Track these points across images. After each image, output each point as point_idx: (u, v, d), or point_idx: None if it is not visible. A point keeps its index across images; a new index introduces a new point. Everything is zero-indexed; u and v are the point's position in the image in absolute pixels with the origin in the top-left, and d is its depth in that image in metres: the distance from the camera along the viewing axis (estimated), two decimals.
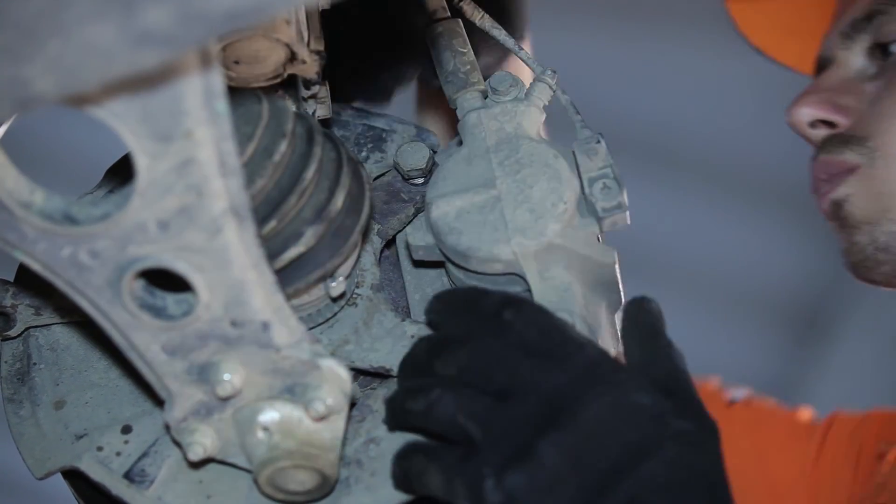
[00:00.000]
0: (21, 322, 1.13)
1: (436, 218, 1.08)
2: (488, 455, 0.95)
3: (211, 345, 0.96)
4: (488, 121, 1.12)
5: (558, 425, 0.94)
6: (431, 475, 0.97)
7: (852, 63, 1.50)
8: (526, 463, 0.93)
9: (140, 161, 0.85)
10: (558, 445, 0.94)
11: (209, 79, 0.83)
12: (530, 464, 0.93)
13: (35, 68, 0.77)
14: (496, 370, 0.97)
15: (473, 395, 0.97)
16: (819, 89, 1.50)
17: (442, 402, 0.97)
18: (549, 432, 0.94)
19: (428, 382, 0.99)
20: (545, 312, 1.00)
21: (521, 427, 0.95)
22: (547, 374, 0.96)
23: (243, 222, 0.90)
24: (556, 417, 0.95)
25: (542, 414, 0.95)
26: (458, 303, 1.03)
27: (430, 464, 0.98)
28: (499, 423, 0.96)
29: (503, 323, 0.99)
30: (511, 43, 1.18)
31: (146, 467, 1.05)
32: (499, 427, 0.95)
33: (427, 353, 1.01)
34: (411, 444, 1.00)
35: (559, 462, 0.93)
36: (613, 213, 1.07)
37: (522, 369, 0.97)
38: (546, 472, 0.93)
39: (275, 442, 1.00)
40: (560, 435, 0.94)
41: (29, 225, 0.89)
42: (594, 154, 1.09)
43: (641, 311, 1.05)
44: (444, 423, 0.97)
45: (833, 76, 1.51)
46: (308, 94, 1.11)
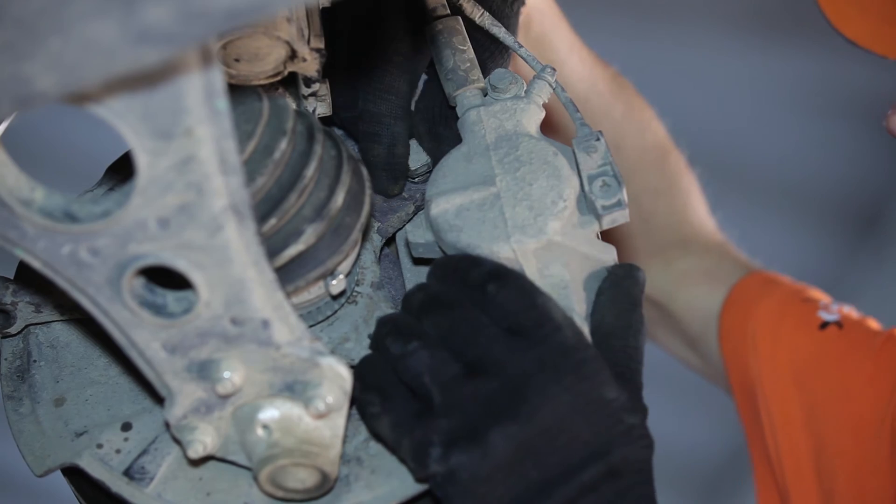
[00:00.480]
0: (21, 319, 1.13)
1: (435, 215, 1.08)
2: (441, 424, 0.97)
3: (211, 342, 0.96)
4: (488, 118, 1.12)
5: (516, 416, 0.96)
6: (383, 424, 1.00)
7: None
8: (475, 445, 0.96)
9: (140, 159, 0.85)
10: (511, 437, 0.96)
11: (210, 76, 0.83)
12: (479, 448, 0.96)
13: (36, 66, 0.77)
14: (471, 342, 0.99)
15: (445, 360, 0.99)
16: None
17: (415, 356, 1.00)
18: (504, 421, 0.96)
19: (413, 331, 1.01)
20: (528, 289, 1.01)
21: (480, 407, 0.97)
22: (519, 355, 0.98)
23: (243, 220, 0.90)
24: (517, 406, 0.96)
25: (504, 398, 0.97)
26: (451, 268, 1.04)
27: (385, 414, 1.00)
28: (460, 395, 0.98)
29: (486, 295, 1.00)
30: (511, 40, 1.18)
31: (146, 465, 1.05)
32: (459, 400, 0.97)
33: (419, 306, 1.03)
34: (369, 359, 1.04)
35: (508, 453, 0.96)
36: (613, 211, 1.07)
37: (496, 346, 0.99)
38: (491, 461, 0.96)
39: (275, 440, 1.00)
40: (515, 427, 0.96)
41: (29, 222, 0.89)
42: (593, 152, 1.09)
43: (628, 278, 1.07)
44: (411, 377, 1.00)
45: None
46: (308, 91, 1.11)
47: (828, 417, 1.53)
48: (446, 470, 0.96)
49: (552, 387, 0.97)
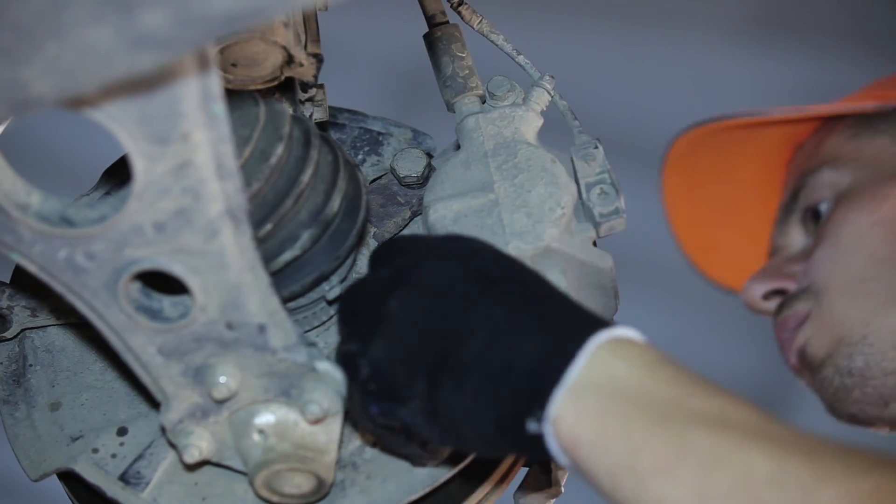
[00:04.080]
0: (17, 324, 1.13)
1: (433, 221, 1.08)
2: (356, 335, 0.96)
3: (207, 347, 0.96)
4: (486, 125, 1.12)
5: (403, 281, 0.95)
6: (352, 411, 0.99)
7: (793, 244, 1.64)
8: (380, 327, 0.94)
9: (137, 163, 0.85)
10: (404, 299, 0.94)
11: (206, 81, 0.83)
12: (383, 326, 0.94)
13: (33, 70, 0.77)
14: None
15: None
16: (765, 268, 1.65)
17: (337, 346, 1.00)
18: (396, 290, 0.95)
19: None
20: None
21: (375, 292, 0.96)
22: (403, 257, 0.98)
23: (240, 225, 0.90)
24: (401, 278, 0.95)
25: (392, 277, 0.96)
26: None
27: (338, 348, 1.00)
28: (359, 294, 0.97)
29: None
30: (509, 48, 1.18)
31: (142, 469, 1.05)
32: (360, 306, 0.97)
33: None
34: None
35: (410, 309, 0.94)
36: (611, 219, 1.08)
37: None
38: (399, 324, 0.94)
39: (270, 445, 1.00)
40: (405, 289, 0.94)
41: (26, 227, 0.89)
42: (591, 159, 1.10)
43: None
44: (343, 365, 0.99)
45: (777, 257, 1.65)
46: (305, 96, 1.11)
47: None
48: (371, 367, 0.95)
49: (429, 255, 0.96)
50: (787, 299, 1.59)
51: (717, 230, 1.86)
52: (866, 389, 1.51)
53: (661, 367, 0.89)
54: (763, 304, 1.63)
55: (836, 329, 1.52)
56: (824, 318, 1.53)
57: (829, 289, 1.53)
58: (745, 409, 0.87)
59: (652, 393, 0.87)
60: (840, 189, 1.58)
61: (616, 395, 0.87)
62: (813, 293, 1.55)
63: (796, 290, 1.58)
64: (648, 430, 0.86)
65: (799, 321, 1.56)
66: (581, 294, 1.07)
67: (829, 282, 1.53)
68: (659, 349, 0.91)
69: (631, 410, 0.87)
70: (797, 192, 1.63)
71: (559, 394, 0.88)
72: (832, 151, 1.63)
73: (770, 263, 1.66)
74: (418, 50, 1.21)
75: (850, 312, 1.51)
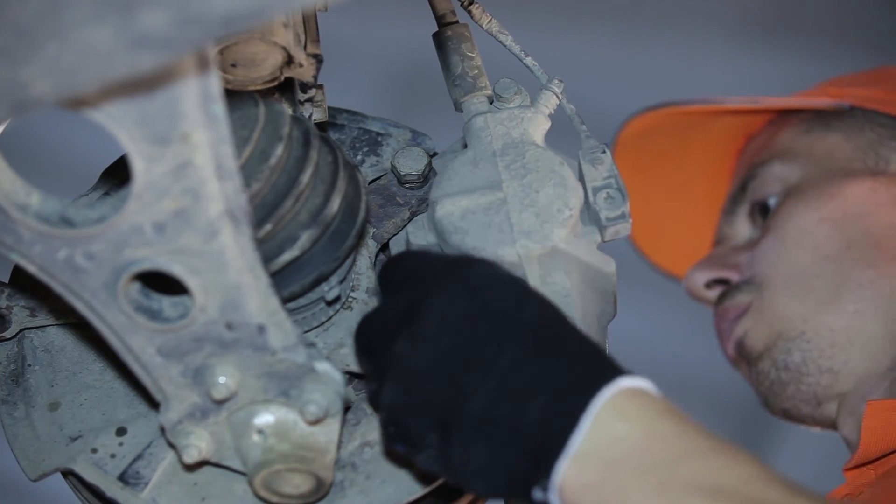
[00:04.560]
0: (16, 323, 1.13)
1: (440, 217, 1.08)
2: (372, 377, 0.97)
3: (206, 348, 0.96)
4: (495, 125, 1.13)
5: (410, 322, 0.95)
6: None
7: (739, 234, 1.65)
8: (390, 370, 0.95)
9: (137, 164, 0.85)
10: (410, 342, 0.94)
11: (206, 82, 0.83)
12: (393, 369, 0.94)
13: (32, 71, 0.77)
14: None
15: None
16: (709, 256, 1.65)
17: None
18: (403, 332, 0.95)
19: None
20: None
21: (382, 333, 0.96)
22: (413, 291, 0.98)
23: (239, 226, 0.90)
24: (409, 318, 0.95)
25: (396, 319, 0.96)
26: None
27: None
28: (369, 329, 0.98)
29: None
30: (517, 49, 1.18)
31: (141, 469, 1.05)
32: (372, 347, 0.97)
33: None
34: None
35: (417, 355, 0.94)
36: (616, 223, 1.08)
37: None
38: (407, 370, 0.94)
39: (269, 445, 1.00)
40: (412, 331, 0.94)
41: (25, 227, 0.89)
42: (599, 164, 1.11)
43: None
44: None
45: (722, 247, 1.66)
46: (305, 97, 1.11)
47: None
48: (385, 411, 0.95)
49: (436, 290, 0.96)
50: (728, 289, 1.59)
51: (665, 216, 1.86)
52: (801, 386, 1.51)
53: (662, 423, 0.90)
54: (705, 292, 1.64)
55: (775, 323, 1.53)
56: (764, 311, 1.54)
57: (772, 282, 1.54)
58: (741, 468, 0.88)
59: (651, 456, 0.88)
60: (789, 183, 1.59)
61: (616, 463, 0.88)
62: (755, 285, 1.55)
63: (738, 280, 1.58)
64: (645, 501, 0.87)
65: (739, 312, 1.56)
66: (583, 297, 1.07)
67: (771, 275, 1.54)
68: (661, 397, 0.91)
69: (630, 479, 0.88)
70: (746, 183, 1.63)
71: (563, 464, 0.89)
72: (784, 145, 1.63)
73: (714, 252, 1.66)
74: (418, 51, 1.22)
75: (791, 307, 1.51)
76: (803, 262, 1.52)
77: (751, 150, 1.71)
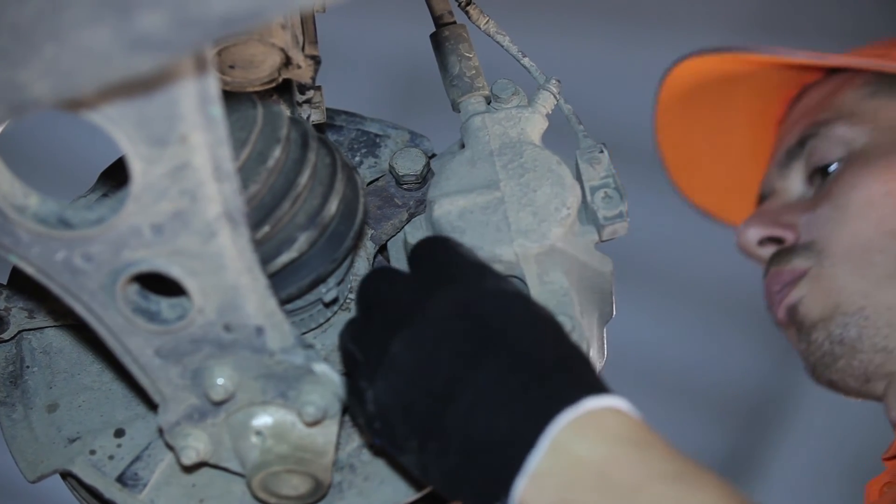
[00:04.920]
0: (14, 325, 1.13)
1: (438, 216, 1.08)
2: (363, 369, 0.97)
3: (204, 349, 0.96)
4: (492, 125, 1.13)
5: (410, 323, 0.95)
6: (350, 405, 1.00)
7: (792, 189, 1.60)
8: (384, 366, 0.95)
9: (135, 165, 0.85)
10: (405, 344, 0.94)
11: (204, 83, 0.83)
12: (387, 367, 0.95)
13: (31, 72, 0.77)
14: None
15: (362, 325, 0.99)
16: (763, 212, 1.61)
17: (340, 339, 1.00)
18: (400, 331, 0.95)
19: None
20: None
21: (380, 333, 0.96)
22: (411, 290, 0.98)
23: (237, 227, 0.90)
24: (410, 317, 0.95)
25: (397, 317, 0.96)
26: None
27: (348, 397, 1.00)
28: (366, 335, 0.97)
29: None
30: (515, 50, 1.19)
31: (139, 471, 1.05)
32: (367, 339, 0.97)
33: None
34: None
35: (410, 359, 0.94)
36: (614, 222, 1.08)
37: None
38: (400, 372, 0.94)
39: (268, 446, 1.00)
40: (412, 332, 0.95)
41: (23, 229, 0.89)
42: (597, 163, 1.11)
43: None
44: (343, 356, 1.00)
45: (775, 201, 1.61)
46: (303, 98, 1.11)
47: None
48: (376, 405, 0.95)
49: (436, 294, 0.96)
50: (784, 251, 1.55)
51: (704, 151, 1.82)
52: (853, 362, 1.49)
53: (628, 447, 0.89)
54: (757, 249, 1.60)
55: (833, 294, 1.49)
56: (822, 280, 1.50)
57: (831, 251, 1.50)
58: (704, 495, 0.87)
59: (611, 480, 0.88)
60: (854, 148, 1.54)
61: (575, 484, 0.88)
62: (814, 252, 1.51)
63: (794, 242, 1.55)
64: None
65: (794, 277, 1.53)
66: (580, 296, 1.07)
67: (832, 244, 1.50)
68: (628, 416, 0.91)
69: (587, 501, 0.88)
70: (805, 140, 1.58)
71: (521, 482, 0.89)
72: (848, 107, 1.58)
73: (768, 208, 1.62)
74: (416, 52, 1.22)
75: (851, 281, 1.48)
76: (865, 234, 1.49)
77: (808, 104, 1.65)
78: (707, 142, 1.82)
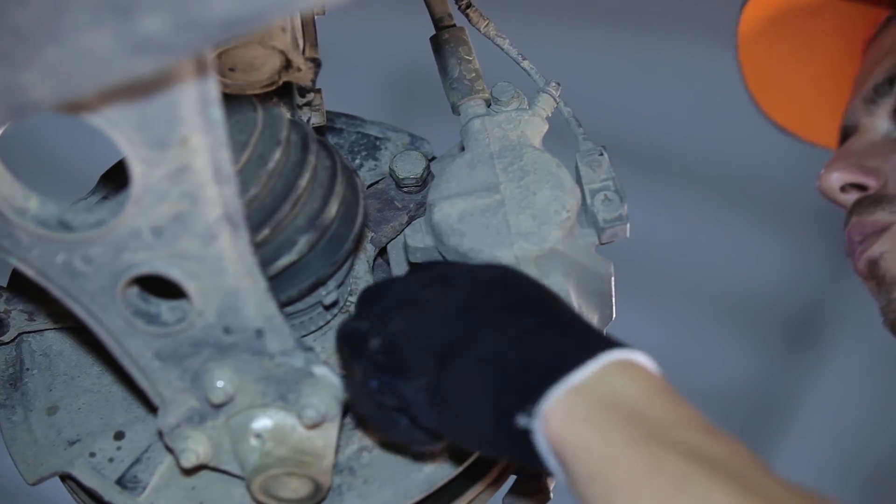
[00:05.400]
0: (14, 327, 1.13)
1: (438, 219, 1.08)
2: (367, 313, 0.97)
3: (204, 352, 0.96)
4: (492, 128, 1.13)
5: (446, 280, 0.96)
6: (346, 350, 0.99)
7: (878, 127, 1.53)
8: (405, 305, 0.95)
9: (135, 168, 0.85)
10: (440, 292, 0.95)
11: (204, 86, 0.83)
12: (410, 305, 0.94)
13: (31, 75, 0.77)
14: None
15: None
16: (847, 154, 1.53)
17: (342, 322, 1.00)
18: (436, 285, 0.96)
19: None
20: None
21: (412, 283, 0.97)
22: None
23: (237, 230, 0.90)
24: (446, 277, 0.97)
25: (433, 276, 0.97)
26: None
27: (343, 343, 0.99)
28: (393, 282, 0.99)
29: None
30: (514, 53, 1.19)
31: (139, 473, 1.05)
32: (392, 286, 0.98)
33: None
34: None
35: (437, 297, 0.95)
36: (614, 225, 1.08)
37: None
38: (424, 305, 0.94)
39: (267, 449, 1.00)
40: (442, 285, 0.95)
41: (23, 231, 0.89)
42: (597, 166, 1.11)
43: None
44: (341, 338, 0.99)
45: (859, 141, 1.54)
46: (303, 101, 1.11)
47: None
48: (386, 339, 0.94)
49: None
50: (867, 200, 1.48)
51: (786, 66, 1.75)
52: None
53: (663, 395, 0.89)
54: (840, 195, 1.52)
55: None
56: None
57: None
58: (730, 448, 0.87)
59: (645, 414, 0.88)
60: None
61: (610, 407, 0.88)
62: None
63: (878, 191, 1.48)
64: (628, 445, 0.86)
65: (877, 230, 1.46)
66: (580, 299, 1.07)
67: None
68: (669, 382, 0.91)
69: (618, 423, 0.87)
70: (893, 79, 1.51)
71: (555, 392, 0.88)
72: None
73: (851, 149, 1.54)
74: (416, 55, 1.22)
75: None
76: None
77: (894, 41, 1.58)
78: (791, 56, 1.75)
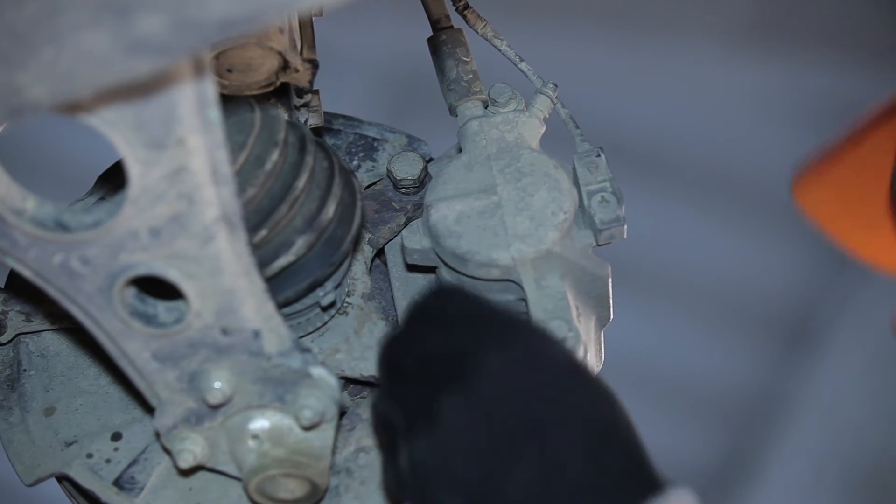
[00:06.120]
0: (11, 328, 1.13)
1: (435, 221, 1.08)
2: (402, 428, 0.90)
3: (202, 353, 0.96)
4: (489, 129, 1.13)
5: (462, 377, 0.88)
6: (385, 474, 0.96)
7: None
8: (429, 424, 0.88)
9: (132, 169, 0.85)
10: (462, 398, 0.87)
11: (202, 87, 0.83)
12: (433, 424, 0.88)
13: (28, 75, 0.77)
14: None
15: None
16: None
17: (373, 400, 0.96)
18: (453, 386, 0.88)
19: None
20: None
21: (425, 386, 0.89)
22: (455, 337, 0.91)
23: (235, 231, 0.90)
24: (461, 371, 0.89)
25: (446, 369, 0.89)
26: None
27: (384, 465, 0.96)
28: (406, 391, 0.91)
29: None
30: (512, 54, 1.19)
31: (136, 475, 1.05)
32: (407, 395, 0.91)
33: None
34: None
35: (463, 419, 0.87)
36: (611, 227, 1.08)
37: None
38: (449, 432, 0.87)
39: (265, 450, 1.00)
40: (463, 386, 0.88)
41: (20, 231, 0.89)
42: (594, 167, 1.11)
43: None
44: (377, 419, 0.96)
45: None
46: (300, 102, 1.11)
47: None
48: (411, 464, 0.89)
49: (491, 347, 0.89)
50: None
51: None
52: None
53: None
54: None
55: None
56: None
57: None
58: None
59: None
60: None
61: None
62: None
63: None
64: None
65: None
66: (577, 300, 1.07)
67: None
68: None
69: None
70: None
71: None
72: None
73: None
74: (414, 56, 1.22)
75: None
76: None
77: None
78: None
